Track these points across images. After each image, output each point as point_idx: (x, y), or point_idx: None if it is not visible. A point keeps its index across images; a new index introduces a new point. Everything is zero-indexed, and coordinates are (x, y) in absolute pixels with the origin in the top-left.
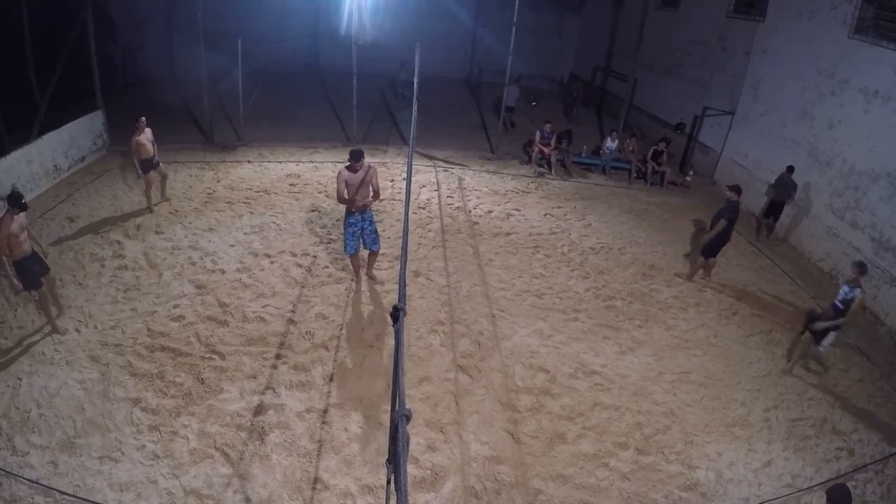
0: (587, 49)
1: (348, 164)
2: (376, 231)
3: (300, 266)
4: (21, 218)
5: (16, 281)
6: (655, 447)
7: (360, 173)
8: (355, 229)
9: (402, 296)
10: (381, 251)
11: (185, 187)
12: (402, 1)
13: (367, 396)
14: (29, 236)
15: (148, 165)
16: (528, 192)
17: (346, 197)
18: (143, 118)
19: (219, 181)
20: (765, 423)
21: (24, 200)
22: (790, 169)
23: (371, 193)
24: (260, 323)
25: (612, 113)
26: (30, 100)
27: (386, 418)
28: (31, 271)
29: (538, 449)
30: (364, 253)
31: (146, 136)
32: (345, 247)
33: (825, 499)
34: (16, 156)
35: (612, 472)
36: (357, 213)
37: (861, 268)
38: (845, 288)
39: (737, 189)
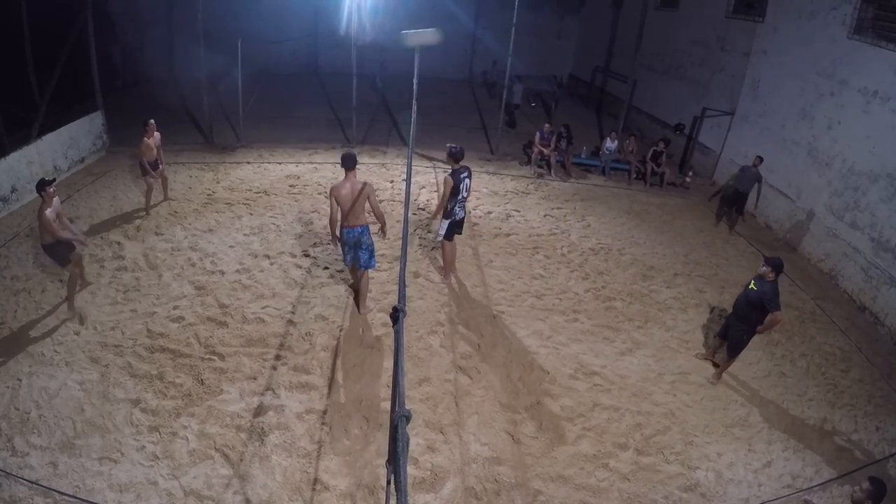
0: (587, 50)
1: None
2: (373, 248)
3: (300, 267)
4: (56, 205)
5: (81, 236)
6: (655, 448)
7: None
8: (349, 239)
9: (402, 297)
10: (380, 252)
11: (185, 188)
12: (401, 1)
13: (367, 397)
14: (61, 224)
15: (152, 167)
16: (528, 193)
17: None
18: (152, 121)
19: (218, 182)
20: (765, 424)
21: (42, 178)
22: (759, 159)
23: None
24: (260, 324)
25: (612, 113)
26: (29, 100)
27: (386, 419)
28: (62, 252)
29: (538, 450)
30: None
31: (154, 141)
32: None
33: (867, 485)
34: (15, 156)
35: (612, 473)
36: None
37: (448, 151)
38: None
39: (777, 265)
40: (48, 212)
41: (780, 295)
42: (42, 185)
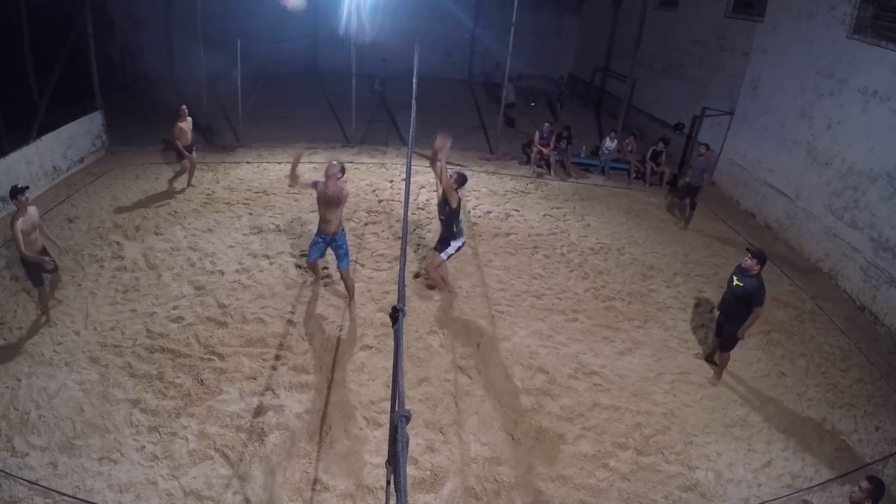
0: (586, 49)
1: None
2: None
3: (299, 267)
4: (33, 216)
5: (47, 259)
6: (655, 448)
7: (333, 186)
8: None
9: (402, 296)
10: (379, 252)
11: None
12: (401, 1)
13: (366, 397)
14: (42, 234)
15: (187, 150)
16: (527, 193)
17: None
18: (185, 107)
19: (218, 182)
20: (764, 424)
21: (14, 185)
22: (706, 147)
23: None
24: (259, 324)
25: (612, 113)
26: (29, 100)
27: (385, 419)
28: (37, 269)
29: (538, 449)
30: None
31: (188, 125)
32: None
33: (866, 485)
34: (15, 157)
35: (612, 473)
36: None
37: (460, 177)
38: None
39: (763, 258)
40: (19, 222)
41: (781, 295)
42: (14, 193)
